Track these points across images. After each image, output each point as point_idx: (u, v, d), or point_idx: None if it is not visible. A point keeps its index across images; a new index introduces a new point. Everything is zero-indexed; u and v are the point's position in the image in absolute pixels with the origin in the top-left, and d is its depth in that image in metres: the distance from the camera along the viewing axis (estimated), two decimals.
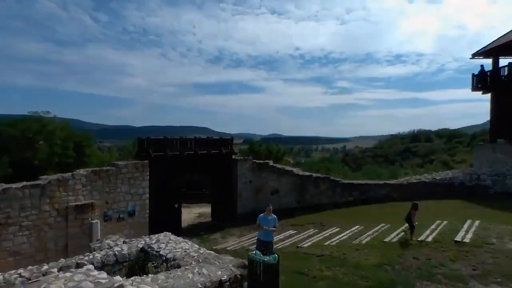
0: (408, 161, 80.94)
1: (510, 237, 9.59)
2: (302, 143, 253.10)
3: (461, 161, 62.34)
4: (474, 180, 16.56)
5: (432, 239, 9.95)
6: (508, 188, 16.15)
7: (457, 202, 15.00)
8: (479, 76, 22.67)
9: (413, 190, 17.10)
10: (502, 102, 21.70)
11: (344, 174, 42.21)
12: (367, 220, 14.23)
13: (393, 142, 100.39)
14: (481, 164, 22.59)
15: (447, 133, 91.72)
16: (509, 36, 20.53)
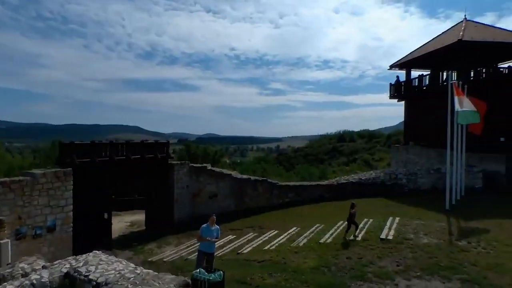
0: (335, 159, 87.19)
1: (424, 231, 10.88)
2: (238, 143, 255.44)
3: (380, 159, 69.33)
4: (392, 179, 18.54)
5: (361, 238, 10.78)
6: (419, 186, 18.41)
7: (380, 200, 16.58)
8: (395, 85, 25.39)
9: (343, 190, 18.44)
10: (414, 109, 24.66)
11: (279, 175, 43.64)
12: (303, 221, 14.85)
13: (322, 142, 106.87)
14: (397, 164, 25.36)
15: (368, 133, 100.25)
16: (419, 52, 23.38)
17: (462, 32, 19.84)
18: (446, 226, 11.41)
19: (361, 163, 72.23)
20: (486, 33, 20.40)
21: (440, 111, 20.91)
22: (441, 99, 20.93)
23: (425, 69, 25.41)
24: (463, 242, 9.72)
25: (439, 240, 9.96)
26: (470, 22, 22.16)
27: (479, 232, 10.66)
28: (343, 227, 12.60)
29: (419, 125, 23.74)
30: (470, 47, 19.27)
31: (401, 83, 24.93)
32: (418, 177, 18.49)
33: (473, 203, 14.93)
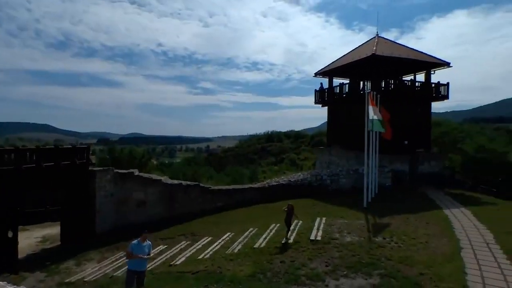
0: (265, 159, 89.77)
1: (347, 230, 11.88)
2: (166, 143, 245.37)
3: (305, 159, 73.57)
4: (318, 180, 19.87)
5: (293, 240, 11.27)
6: (341, 186, 20.09)
7: (307, 201, 17.60)
8: (319, 92, 27.19)
9: (274, 192, 19.09)
10: (335, 114, 26.75)
11: (210, 176, 43.16)
12: (237, 226, 14.93)
13: (251, 142, 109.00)
14: (321, 165, 27.20)
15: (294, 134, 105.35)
16: (340, 62, 25.45)
17: (375, 47, 22.23)
18: (365, 224, 12.64)
19: (288, 163, 75.62)
20: (394, 49, 23.23)
21: (357, 117, 23.11)
22: (359, 106, 23.13)
23: (345, 77, 27.82)
24: (379, 238, 10.88)
25: (360, 238, 10.97)
26: (381, 38, 24.98)
27: (391, 227, 12.06)
28: (276, 230, 13.05)
29: (340, 129, 25.89)
30: (381, 60, 21.70)
31: (325, 90, 26.87)
32: (340, 178, 20.16)
33: (385, 200, 16.86)
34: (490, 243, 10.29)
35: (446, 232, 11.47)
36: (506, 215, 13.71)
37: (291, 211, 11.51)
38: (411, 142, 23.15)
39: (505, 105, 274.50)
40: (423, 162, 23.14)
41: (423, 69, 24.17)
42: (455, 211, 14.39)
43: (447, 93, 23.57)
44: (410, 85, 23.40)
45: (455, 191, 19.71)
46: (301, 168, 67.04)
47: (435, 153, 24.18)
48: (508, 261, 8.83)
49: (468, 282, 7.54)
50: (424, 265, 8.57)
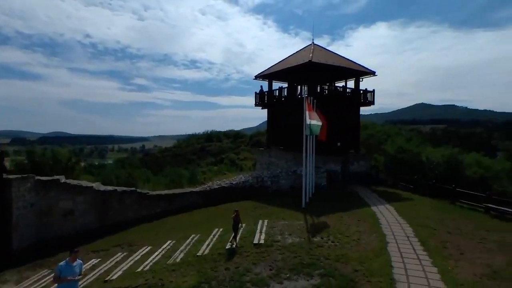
0: (204, 159, 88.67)
1: (288, 232, 12.32)
2: (95, 143, 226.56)
3: (244, 159, 74.52)
4: (259, 182, 20.27)
5: (237, 245, 11.30)
6: (281, 187, 20.78)
7: (249, 203, 17.83)
8: (259, 94, 27.72)
9: (216, 196, 18.92)
10: (275, 116, 27.55)
11: (147, 179, 41.09)
12: (178, 232, 14.45)
13: (190, 141, 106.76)
14: (261, 166, 27.78)
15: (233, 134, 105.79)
16: (280, 66, 26.27)
17: (311, 54, 23.46)
18: (304, 224, 13.26)
19: (228, 163, 75.86)
20: (328, 57, 24.79)
21: (295, 119, 24.13)
22: (296, 109, 24.19)
23: (284, 81, 28.84)
24: (318, 238, 11.51)
25: (301, 239, 11.47)
26: (316, 46, 26.47)
27: (327, 227, 12.85)
28: (220, 235, 12.96)
29: (279, 130, 26.76)
30: (317, 67, 23.00)
31: (265, 93, 27.51)
32: (280, 179, 20.84)
33: (321, 199, 17.90)
34: (410, 236, 11.62)
35: (374, 228, 12.62)
36: (421, 210, 15.61)
37: (238, 218, 11.54)
38: (343, 143, 24.98)
39: (417, 109, 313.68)
40: (353, 162, 25.16)
41: (353, 76, 26.24)
42: (381, 208, 15.92)
43: (373, 99, 25.96)
44: (342, 91, 25.22)
45: (380, 188, 21.82)
46: (241, 168, 67.78)
47: (363, 154, 26.47)
48: (424, 252, 10.08)
49: (395, 275, 8.41)
50: (357, 262, 9.31)
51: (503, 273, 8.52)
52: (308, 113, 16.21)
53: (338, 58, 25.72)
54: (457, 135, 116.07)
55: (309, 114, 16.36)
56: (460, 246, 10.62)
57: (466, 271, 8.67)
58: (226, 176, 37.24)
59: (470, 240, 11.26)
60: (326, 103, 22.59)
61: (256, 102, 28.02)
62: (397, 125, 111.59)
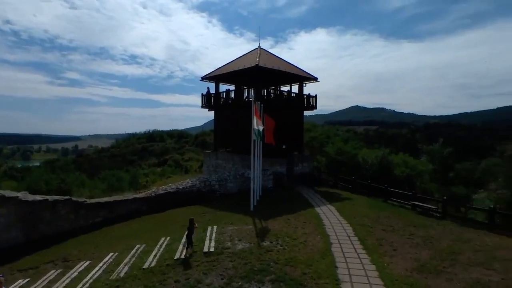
0: (146, 160, 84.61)
1: (238, 237, 12.38)
2: (18, 143, 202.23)
3: (189, 159, 72.88)
4: (207, 186, 20.01)
5: (186, 254, 11.00)
6: (229, 190, 20.77)
7: (197, 208, 17.50)
8: (206, 96, 27.36)
9: (162, 201, 18.20)
10: (222, 118, 27.43)
11: (81, 184, 37.91)
12: (121, 244, 13.60)
13: (130, 141, 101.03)
14: (208, 168, 27.46)
15: (177, 133, 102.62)
16: (227, 68, 26.22)
17: (258, 58, 23.85)
18: (253, 229, 13.45)
19: (172, 164, 73.52)
20: (274, 62, 25.44)
21: (243, 122, 24.33)
22: (244, 112, 24.40)
23: (231, 83, 28.85)
24: (267, 242, 11.76)
25: (250, 244, 11.61)
26: (263, 50, 26.97)
27: (275, 230, 13.20)
28: (167, 244, 12.49)
29: (226, 133, 26.71)
30: (263, 71, 23.46)
31: (211, 94, 27.23)
32: (228, 182, 20.83)
33: (268, 202, 18.32)
34: (350, 236, 12.50)
35: (319, 229, 13.31)
36: (359, 209, 16.87)
37: (193, 227, 11.26)
38: (288, 146, 25.87)
39: (353, 111, 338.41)
40: (298, 164, 26.21)
41: (297, 81, 27.30)
42: (324, 208, 16.86)
43: (315, 103, 27.32)
44: (287, 95, 26.08)
45: (322, 188, 23.09)
46: (186, 170, 66.16)
47: (306, 156, 27.72)
48: (364, 250, 10.93)
49: (339, 275, 8.99)
50: (305, 265, 9.74)
51: (429, 266, 9.64)
52: (255, 118, 16.48)
53: (284, 63, 26.54)
54: (386, 136, 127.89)
55: (256, 120, 16.64)
56: (394, 243, 11.73)
57: (399, 267, 9.62)
58: (171, 179, 36.04)
59: (402, 236, 12.51)
60: (272, 107, 23.18)
61: (203, 104, 27.60)
62: (336, 126, 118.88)
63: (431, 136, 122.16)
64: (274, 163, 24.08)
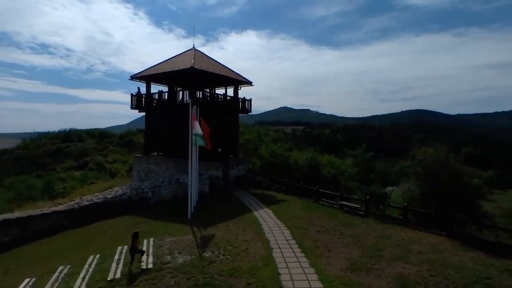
0: (62, 163, 75.94)
1: (178, 249, 11.87)
2: None
3: (114, 161, 67.59)
4: (139, 194, 18.74)
5: (120, 274, 10.13)
6: (163, 197, 19.79)
7: (129, 219, 16.26)
8: (136, 97, 25.70)
9: (87, 214, 16.43)
10: (154, 121, 26.06)
11: None
12: (39, 266, 11.90)
13: (41, 141, 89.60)
14: (138, 174, 25.85)
15: (98, 132, 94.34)
16: (157, 69, 24.97)
17: (193, 60, 23.23)
18: (193, 239, 13.04)
19: (94, 167, 67.45)
20: (209, 64, 25.07)
21: (176, 125, 23.47)
22: (178, 114, 23.56)
23: (164, 84, 27.55)
24: (209, 253, 11.52)
25: (192, 256, 11.23)
26: (197, 51, 26.36)
27: (216, 239, 13.01)
28: (97, 263, 11.34)
29: (159, 136, 25.43)
30: (198, 73, 22.95)
31: (143, 95, 25.62)
32: (162, 189, 19.84)
33: (206, 208, 18.00)
34: (289, 239, 13.01)
35: (259, 235, 13.55)
36: (294, 211, 17.67)
37: (135, 240, 10.43)
38: (224, 149, 25.79)
39: (281, 112, 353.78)
40: (234, 167, 26.31)
41: (232, 84, 27.38)
42: (261, 212, 17.23)
43: (250, 107, 27.74)
44: (222, 98, 25.96)
45: (258, 191, 23.58)
46: (111, 173, 61.23)
47: (241, 159, 27.99)
48: (302, 254, 11.48)
49: (282, 282, 9.28)
50: (249, 274, 9.80)
51: (360, 264, 10.58)
52: (193, 123, 15.99)
53: (219, 66, 26.35)
54: (312, 136, 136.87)
55: (193, 124, 16.13)
56: (328, 243, 12.58)
57: (335, 268, 10.35)
58: (95, 186, 32.88)
59: (333, 236, 13.48)
60: (207, 110, 22.84)
61: (133, 105, 25.81)
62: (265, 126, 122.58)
63: (350, 136, 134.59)
64: (210, 166, 23.76)
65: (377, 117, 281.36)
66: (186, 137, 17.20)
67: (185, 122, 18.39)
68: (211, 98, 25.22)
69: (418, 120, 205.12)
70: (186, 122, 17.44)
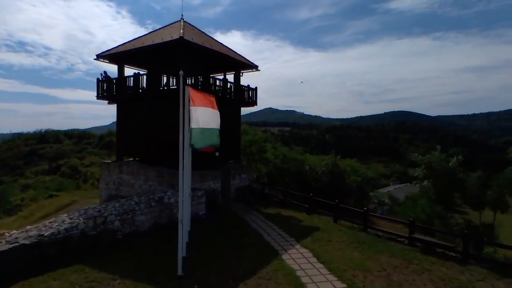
0: (34, 166, 67.46)
1: None
2: None
3: (91, 164, 59.15)
4: (99, 224, 11.59)
5: None
6: (138, 227, 12.69)
7: (77, 276, 9.02)
8: (104, 82, 18.34)
9: (1, 268, 9.06)
10: (129, 115, 18.76)
11: None
12: None
13: (14, 143, 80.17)
14: (107, 187, 18.48)
15: (77, 133, 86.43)
16: (133, 44, 17.74)
17: (182, 30, 16.24)
18: None
19: (68, 171, 59.11)
20: (203, 39, 18.09)
21: (160, 120, 16.45)
22: (162, 105, 16.54)
23: (141, 67, 20.36)
24: None
25: None
26: (187, 24, 19.26)
27: None
28: None
29: (136, 136, 18.23)
30: (190, 49, 16.02)
31: (112, 80, 18.34)
32: (137, 215, 12.73)
33: (204, 246, 11.09)
34: None
35: None
36: (345, 252, 11.00)
37: None
38: (222, 153, 18.94)
39: (267, 112, 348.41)
40: (235, 176, 19.43)
41: (233, 69, 20.51)
42: (296, 256, 10.45)
43: (255, 98, 20.92)
44: (222, 85, 18.96)
45: (270, 210, 16.82)
46: (85, 178, 53.09)
47: (245, 165, 21.09)
48: None
49: None
50: None
51: None
52: (196, 109, 8.85)
53: (216, 43, 19.42)
54: (300, 136, 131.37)
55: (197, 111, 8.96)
56: None
57: None
58: (54, 200, 25.08)
59: None
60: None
61: (99, 94, 18.48)
62: (253, 127, 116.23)
63: (339, 137, 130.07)
64: (205, 177, 16.85)
65: (361, 118, 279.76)
66: (173, 137, 10.36)
67: (171, 116, 11.54)
68: (205, 84, 18.17)
69: (401, 121, 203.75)
70: (173, 116, 10.59)
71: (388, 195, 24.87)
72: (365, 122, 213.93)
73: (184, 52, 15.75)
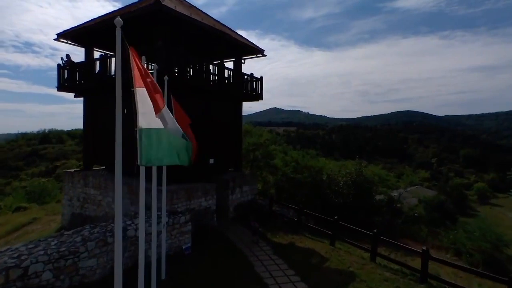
0: (34, 167, 64.50)
1: None
2: None
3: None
4: (15, 281, 7.20)
5: None
6: (86, 277, 8.24)
7: None
8: (66, 69, 13.86)
9: None
10: (98, 111, 14.32)
11: None
12: None
13: (18, 143, 77.41)
14: (71, 204, 14.06)
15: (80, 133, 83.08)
16: (103, 19, 13.28)
17: None
18: None
19: (63, 173, 55.23)
20: (194, 11, 13.59)
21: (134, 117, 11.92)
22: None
23: (114, 50, 15.91)
24: None
25: None
26: None
27: None
28: None
29: (107, 137, 13.76)
30: (173, 22, 11.54)
31: (76, 65, 13.91)
32: (83, 258, 8.27)
33: None
34: None
35: None
36: None
37: None
38: (218, 160, 14.47)
39: (271, 112, 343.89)
40: (235, 189, 14.88)
41: (232, 54, 15.99)
42: None
43: (261, 90, 16.33)
44: (217, 73, 14.31)
45: (281, 239, 12.27)
46: None
47: (247, 174, 16.45)
48: None
49: None
50: None
51: None
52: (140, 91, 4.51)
53: (211, 20, 14.88)
54: (306, 137, 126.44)
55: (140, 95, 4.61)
56: None
57: None
58: (20, 214, 20.83)
59: None
60: (187, 93, 11.57)
61: (60, 84, 14.06)
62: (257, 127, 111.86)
63: (346, 137, 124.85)
64: (194, 192, 12.36)
65: (367, 118, 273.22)
66: None
67: None
68: (195, 71, 13.56)
69: (407, 121, 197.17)
70: None
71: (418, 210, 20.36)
72: (371, 122, 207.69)
73: (163, 25, 11.28)
